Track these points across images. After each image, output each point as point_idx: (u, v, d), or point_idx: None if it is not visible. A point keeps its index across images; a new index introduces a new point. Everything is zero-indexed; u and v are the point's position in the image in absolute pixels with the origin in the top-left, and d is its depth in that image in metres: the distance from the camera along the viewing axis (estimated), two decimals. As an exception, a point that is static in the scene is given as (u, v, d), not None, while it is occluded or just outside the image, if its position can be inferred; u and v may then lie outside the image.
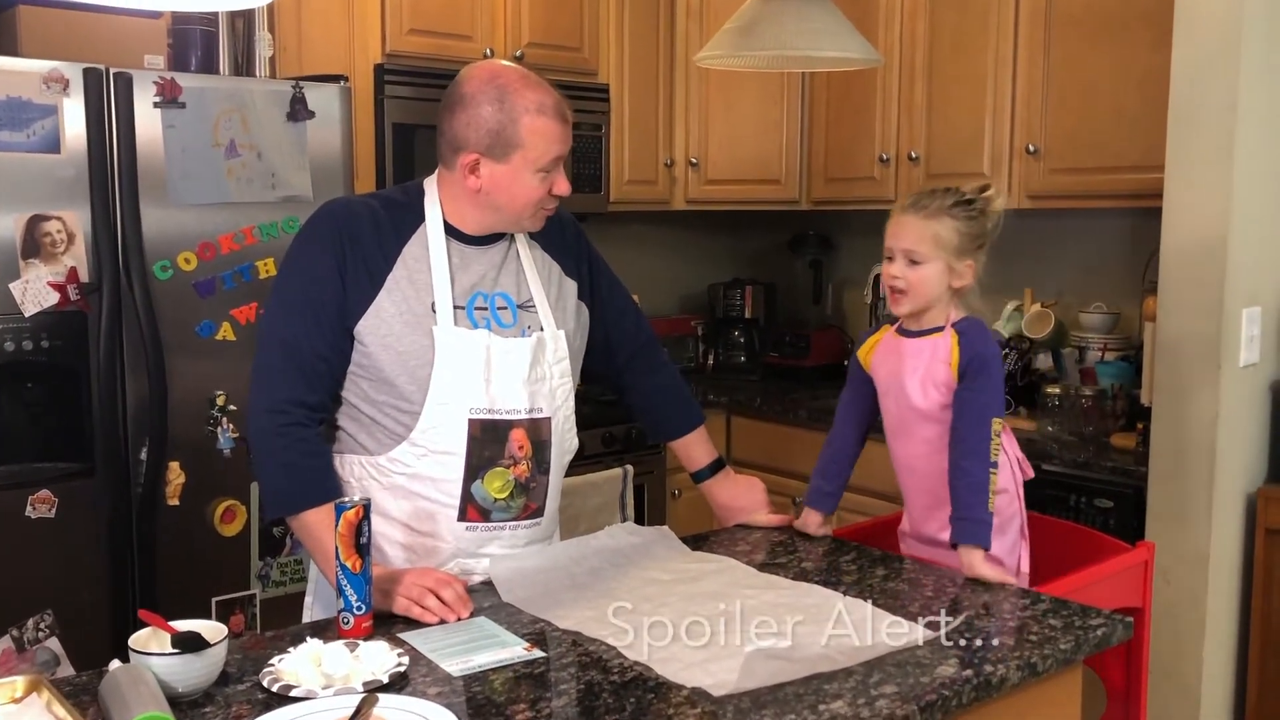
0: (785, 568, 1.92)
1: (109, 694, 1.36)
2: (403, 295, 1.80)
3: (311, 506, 1.73)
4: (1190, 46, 2.57)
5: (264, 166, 2.64)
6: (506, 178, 1.81)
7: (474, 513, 1.83)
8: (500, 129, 1.78)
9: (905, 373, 1.98)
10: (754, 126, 3.97)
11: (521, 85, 1.80)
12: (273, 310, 1.84)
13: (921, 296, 1.96)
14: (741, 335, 4.30)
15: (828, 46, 2.45)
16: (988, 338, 1.97)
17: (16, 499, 2.38)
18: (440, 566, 1.84)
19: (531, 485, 1.87)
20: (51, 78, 2.37)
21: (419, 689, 1.45)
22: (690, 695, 1.43)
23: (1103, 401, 3.13)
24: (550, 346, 1.90)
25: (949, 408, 1.94)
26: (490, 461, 1.82)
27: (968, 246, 1.95)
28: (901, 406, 2.00)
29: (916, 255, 1.95)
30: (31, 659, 2.39)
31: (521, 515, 1.87)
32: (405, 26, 3.30)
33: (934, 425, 1.97)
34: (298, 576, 2.74)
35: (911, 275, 1.95)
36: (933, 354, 1.96)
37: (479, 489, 1.82)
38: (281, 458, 1.76)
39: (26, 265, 2.36)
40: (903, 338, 2.02)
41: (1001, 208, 1.99)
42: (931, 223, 1.94)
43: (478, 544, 1.85)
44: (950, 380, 1.94)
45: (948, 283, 1.96)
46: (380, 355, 1.79)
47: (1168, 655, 2.65)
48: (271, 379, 1.78)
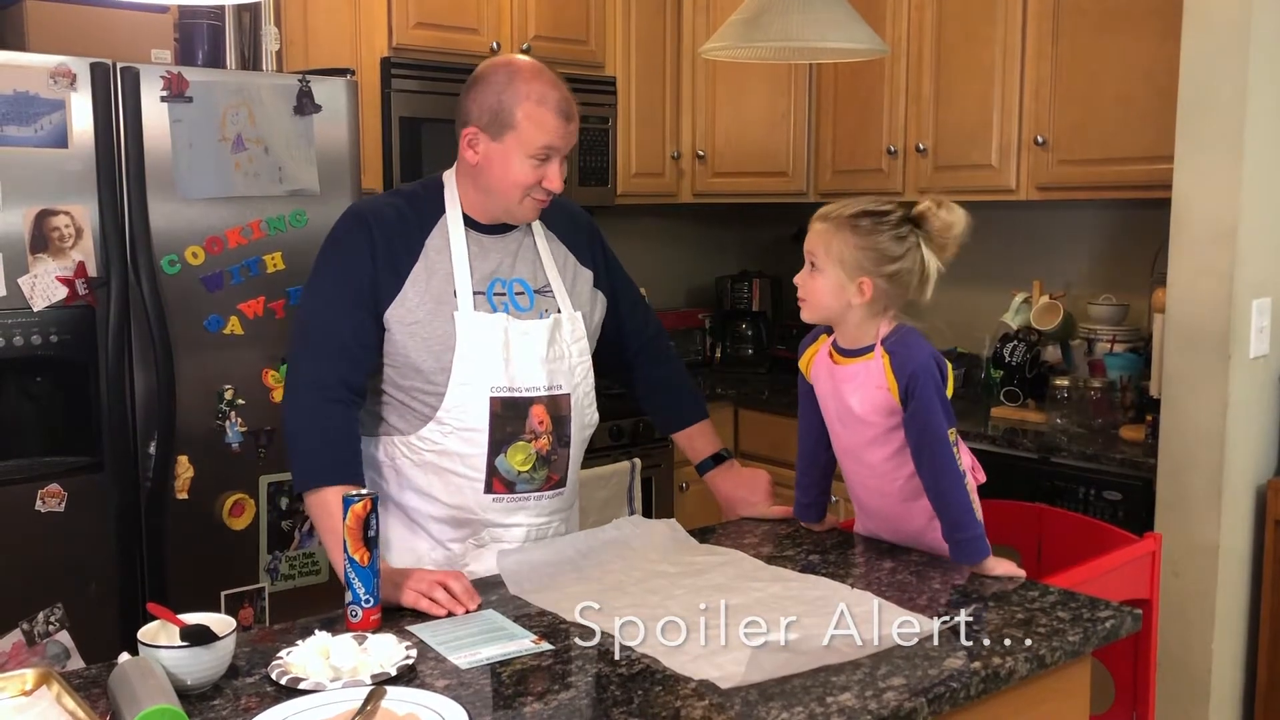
0: (792, 560, 1.92)
1: (118, 687, 1.36)
2: (426, 285, 1.89)
3: (341, 483, 1.77)
4: (1199, 37, 2.56)
5: (271, 160, 2.64)
6: (499, 156, 1.89)
7: (499, 485, 1.92)
8: (499, 108, 1.87)
9: (845, 398, 1.89)
10: (761, 118, 3.96)
11: (531, 75, 1.89)
12: (309, 300, 1.92)
13: (817, 307, 1.87)
14: (749, 328, 4.30)
15: (834, 37, 2.45)
16: (915, 349, 1.84)
17: (26, 493, 2.39)
18: (474, 535, 1.93)
19: (553, 458, 1.95)
20: (59, 72, 2.37)
21: (427, 682, 1.46)
22: (698, 687, 1.43)
23: (1111, 393, 3.12)
24: (568, 326, 1.98)
25: (894, 430, 1.86)
26: (512, 436, 1.91)
27: (865, 264, 1.81)
28: (847, 430, 1.92)
29: (813, 258, 1.86)
30: (42, 652, 2.40)
31: (545, 486, 1.95)
32: (412, 20, 3.29)
33: (879, 448, 1.89)
34: (306, 570, 2.75)
35: (809, 282, 1.87)
36: (866, 378, 1.86)
37: (502, 462, 1.91)
38: (324, 425, 1.83)
39: (35, 260, 2.37)
40: (837, 361, 1.91)
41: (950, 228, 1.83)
42: (830, 231, 1.84)
43: (505, 514, 1.93)
44: (891, 404, 1.84)
45: (846, 299, 1.84)
46: (406, 341, 1.88)
47: (1177, 647, 2.64)
48: (315, 359, 1.86)
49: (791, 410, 3.63)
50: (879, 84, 3.65)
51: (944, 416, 1.82)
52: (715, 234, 4.59)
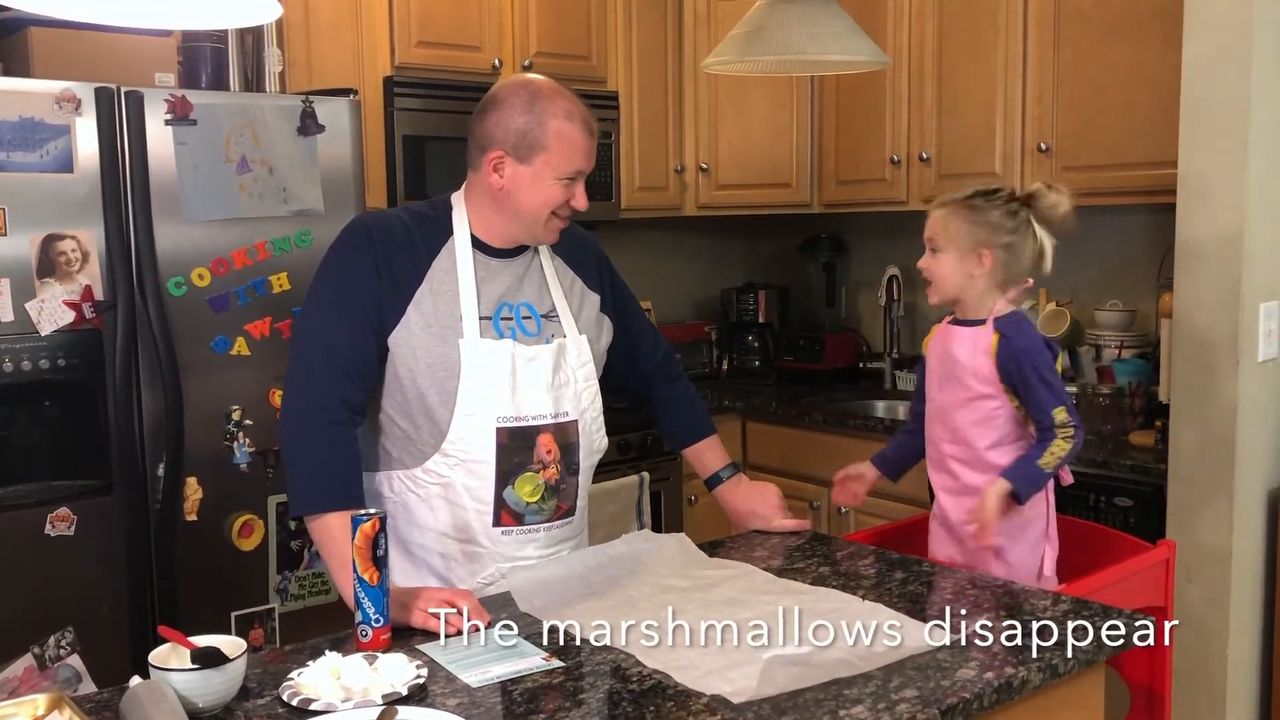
0: (803, 573, 1.91)
1: (130, 710, 1.36)
2: (431, 308, 1.85)
3: (342, 508, 1.73)
4: (1202, 42, 2.55)
5: (275, 181, 2.65)
6: (527, 179, 1.85)
7: (508, 517, 1.88)
8: (528, 130, 1.83)
9: (952, 351, 2.09)
10: (764, 130, 3.96)
11: (553, 93, 1.87)
12: (309, 314, 1.88)
13: (943, 284, 2.08)
14: (755, 340, 4.30)
15: (835, 49, 2.45)
16: (1027, 330, 2.05)
17: (36, 517, 2.39)
18: (482, 573, 1.89)
19: (562, 487, 1.92)
20: (63, 98, 2.38)
21: (438, 701, 1.45)
22: (709, 703, 1.42)
23: (1120, 399, 3.11)
24: (573, 351, 1.94)
25: (983, 399, 2.04)
26: (520, 467, 1.87)
27: (981, 236, 2.04)
28: (944, 392, 2.10)
29: (933, 243, 2.09)
30: (53, 676, 2.40)
31: (554, 516, 1.92)
32: (414, 39, 3.31)
33: (967, 412, 2.06)
34: (316, 590, 2.75)
35: (932, 264, 2.09)
36: (974, 342, 2.06)
37: (510, 494, 1.87)
38: (326, 453, 1.79)
39: (42, 284, 2.37)
40: (952, 326, 2.13)
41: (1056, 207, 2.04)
42: (948, 215, 2.07)
43: (515, 547, 1.89)
44: (990, 372, 2.03)
45: (968, 271, 2.05)
46: (409, 368, 1.84)
47: (1192, 654, 2.63)
48: (314, 378, 1.82)
49: (799, 422, 3.66)
50: (881, 94, 3.66)
51: (1050, 390, 2.01)
52: (720, 246, 4.60)
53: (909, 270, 3.81)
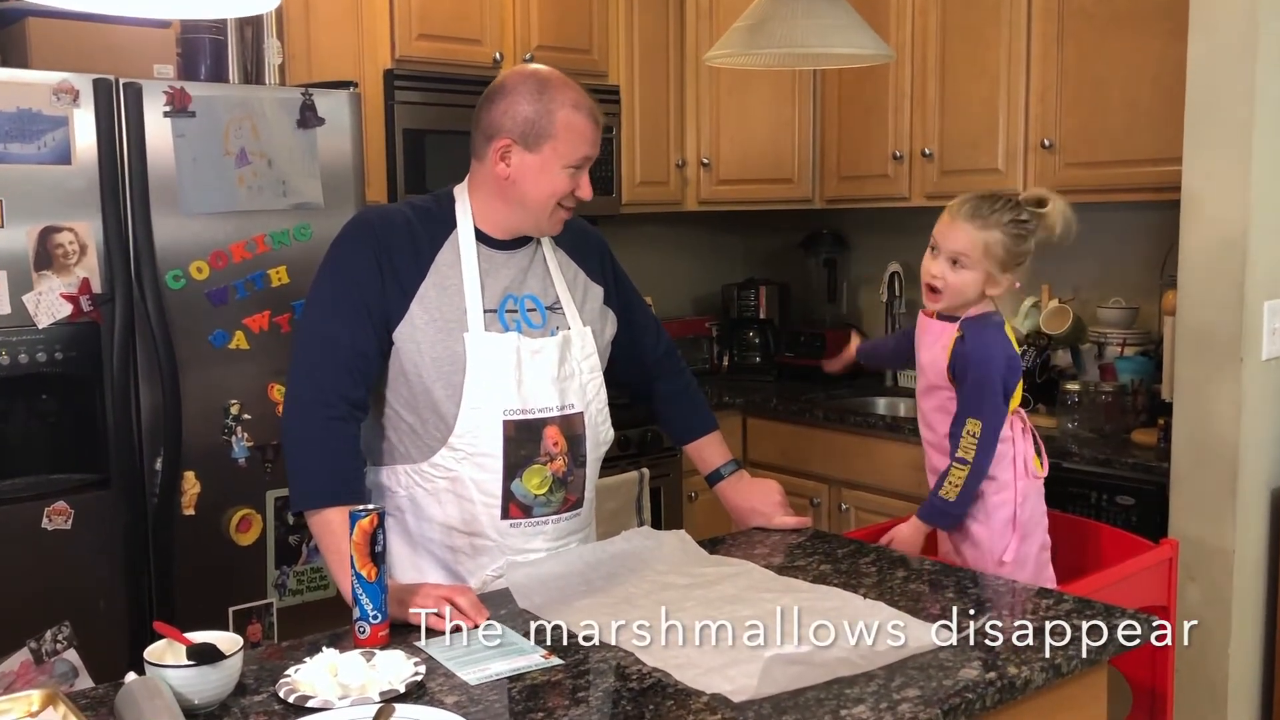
0: (804, 571, 1.90)
1: (125, 707, 1.35)
2: (435, 303, 1.84)
3: (342, 504, 1.72)
4: (1206, 37, 2.54)
5: (275, 174, 2.63)
6: (534, 168, 1.85)
7: (516, 510, 1.87)
8: (536, 119, 1.83)
9: (920, 347, 2.15)
10: (766, 125, 3.95)
11: (561, 83, 1.87)
12: (311, 310, 1.87)
13: (956, 298, 2.07)
14: (756, 336, 4.29)
15: (838, 43, 2.44)
16: (986, 342, 2.05)
17: (33, 511, 2.38)
18: (490, 566, 1.88)
19: (569, 479, 1.91)
20: (61, 89, 2.37)
21: (436, 698, 1.44)
22: (710, 701, 1.41)
23: (1123, 397, 3.10)
24: (577, 343, 1.94)
25: (938, 390, 2.10)
26: (527, 460, 1.86)
27: (1012, 261, 2.04)
28: (920, 376, 2.17)
29: (963, 260, 2.04)
30: (50, 670, 2.39)
31: (562, 509, 1.92)
32: (414, 32, 3.29)
33: (927, 398, 2.14)
34: (314, 585, 2.74)
35: (952, 277, 2.05)
36: (936, 337, 2.10)
37: (518, 487, 1.86)
38: (326, 448, 1.78)
39: (39, 277, 2.36)
40: (927, 318, 2.16)
41: (1059, 220, 2.06)
42: (984, 232, 2.02)
43: (523, 540, 1.89)
44: (943, 367, 2.08)
45: (983, 289, 2.05)
46: (415, 363, 1.84)
47: (1193, 653, 2.62)
48: (315, 373, 1.81)
49: (799, 418, 3.65)
50: (883, 89, 3.64)
51: (978, 404, 2.02)
52: (721, 241, 4.58)
53: (911, 266, 3.80)
